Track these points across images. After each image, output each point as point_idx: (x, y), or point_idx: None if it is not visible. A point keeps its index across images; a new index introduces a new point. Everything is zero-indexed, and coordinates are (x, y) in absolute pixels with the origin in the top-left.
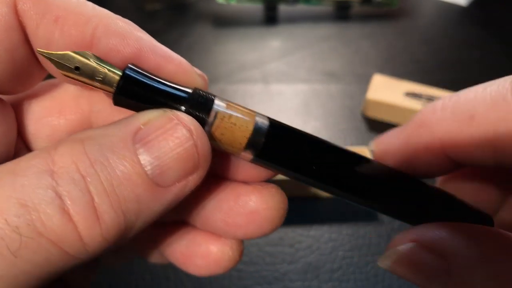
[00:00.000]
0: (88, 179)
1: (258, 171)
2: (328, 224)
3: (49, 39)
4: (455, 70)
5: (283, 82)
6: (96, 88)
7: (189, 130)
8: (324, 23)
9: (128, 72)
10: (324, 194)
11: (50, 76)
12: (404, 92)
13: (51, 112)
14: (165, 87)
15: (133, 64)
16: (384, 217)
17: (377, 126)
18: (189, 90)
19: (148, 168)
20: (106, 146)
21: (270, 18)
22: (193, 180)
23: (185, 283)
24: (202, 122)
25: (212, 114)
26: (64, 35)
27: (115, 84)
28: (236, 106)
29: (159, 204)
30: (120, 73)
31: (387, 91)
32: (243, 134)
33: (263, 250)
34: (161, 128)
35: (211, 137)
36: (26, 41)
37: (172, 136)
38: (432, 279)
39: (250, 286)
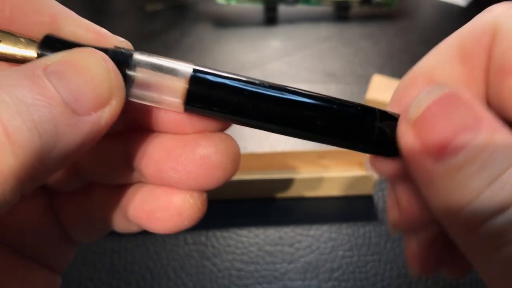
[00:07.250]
0: None
1: (200, 122)
2: (328, 224)
3: None
4: None
5: (283, 82)
6: (17, 61)
7: (101, 57)
8: (324, 23)
9: (49, 35)
10: (324, 194)
11: None
12: None
13: None
14: (83, 45)
15: (50, 34)
16: (384, 217)
17: None
18: (108, 48)
19: (62, 93)
20: (13, 75)
21: (270, 18)
22: (109, 111)
23: (185, 282)
24: (124, 75)
25: (132, 65)
26: None
27: (38, 51)
28: (154, 57)
29: (77, 134)
30: (39, 40)
31: (387, 91)
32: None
33: (263, 249)
34: (71, 59)
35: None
36: None
37: (83, 64)
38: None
39: (250, 286)
